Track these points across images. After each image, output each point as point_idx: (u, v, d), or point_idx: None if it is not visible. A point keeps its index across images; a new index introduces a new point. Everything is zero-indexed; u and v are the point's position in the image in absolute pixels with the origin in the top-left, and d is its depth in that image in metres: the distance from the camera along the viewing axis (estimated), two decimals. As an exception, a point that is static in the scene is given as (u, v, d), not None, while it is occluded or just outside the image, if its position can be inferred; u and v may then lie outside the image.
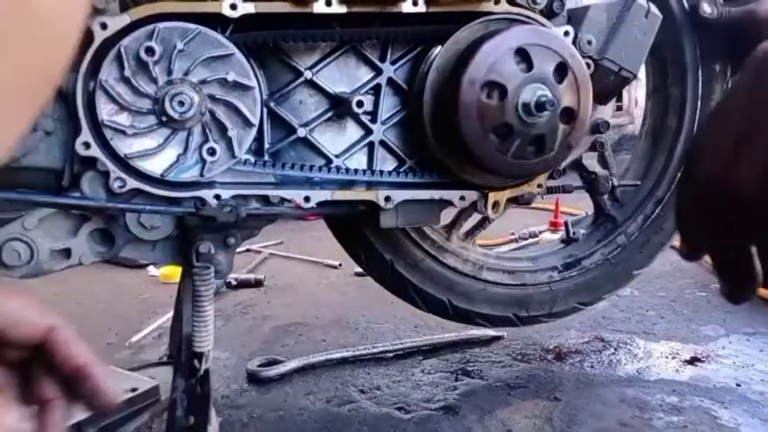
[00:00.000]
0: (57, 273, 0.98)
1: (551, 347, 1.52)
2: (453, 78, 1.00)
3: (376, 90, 1.08)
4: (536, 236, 2.59)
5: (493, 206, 1.11)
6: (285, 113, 1.05)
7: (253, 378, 1.39)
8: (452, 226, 1.32)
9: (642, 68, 1.18)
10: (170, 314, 1.47)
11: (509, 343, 1.54)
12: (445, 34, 1.04)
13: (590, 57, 1.09)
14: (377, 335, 1.65)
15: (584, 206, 1.49)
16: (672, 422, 1.16)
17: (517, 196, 1.14)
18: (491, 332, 1.54)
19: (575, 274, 1.39)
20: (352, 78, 1.08)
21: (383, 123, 1.09)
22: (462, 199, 1.09)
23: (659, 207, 1.39)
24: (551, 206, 2.84)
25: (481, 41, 1.00)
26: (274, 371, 1.39)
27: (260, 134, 1.03)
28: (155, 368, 1.34)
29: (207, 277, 0.97)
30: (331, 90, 1.06)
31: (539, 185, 1.15)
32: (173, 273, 2.14)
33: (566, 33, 1.07)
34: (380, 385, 1.35)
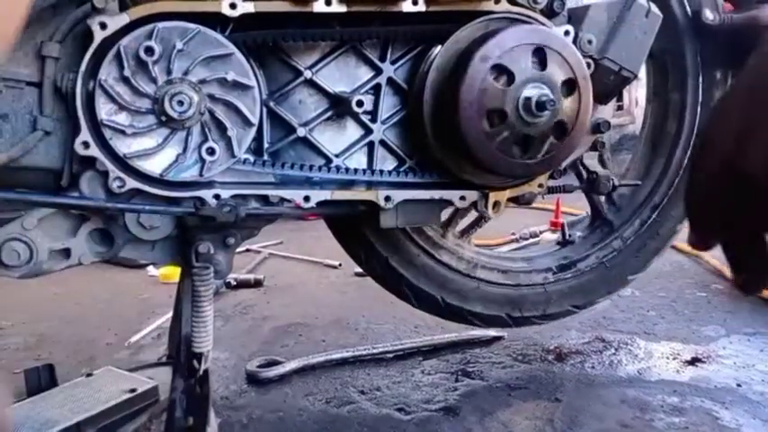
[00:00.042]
0: (56, 273, 0.98)
1: (552, 348, 1.52)
2: (454, 78, 1.00)
3: (376, 90, 1.08)
4: (536, 236, 2.59)
5: (493, 206, 1.10)
6: (285, 113, 1.05)
7: (252, 379, 1.38)
8: (448, 223, 1.32)
9: (642, 68, 1.18)
10: (169, 314, 1.47)
11: (509, 343, 1.54)
12: (445, 34, 1.04)
13: (590, 56, 1.09)
14: (377, 335, 1.65)
15: (584, 206, 1.49)
16: (673, 423, 1.15)
17: (518, 196, 1.14)
18: (491, 333, 1.54)
19: (569, 277, 1.39)
20: (351, 78, 1.07)
21: (383, 123, 1.09)
22: (462, 199, 1.09)
23: (656, 212, 1.39)
24: (552, 206, 2.84)
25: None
26: (274, 371, 1.38)
27: (259, 134, 1.03)
28: (154, 368, 1.34)
29: (206, 277, 0.97)
30: (331, 89, 1.06)
31: (539, 185, 1.14)
32: (172, 273, 2.14)
33: (566, 33, 1.07)
34: (380, 386, 1.34)
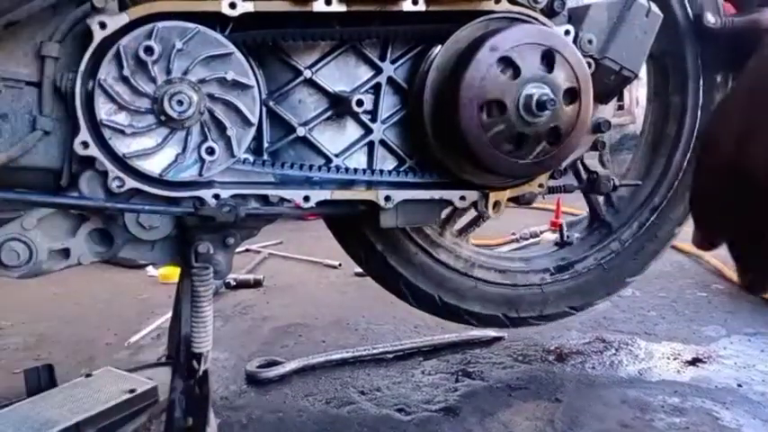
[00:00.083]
0: (55, 273, 0.98)
1: (552, 348, 1.52)
2: (454, 76, 0.99)
3: (376, 89, 1.08)
4: (537, 236, 2.58)
5: (494, 206, 1.10)
6: (284, 112, 1.05)
7: (252, 379, 1.38)
8: (446, 222, 1.32)
9: (643, 68, 1.18)
10: (169, 315, 1.46)
11: (510, 344, 1.54)
12: (445, 33, 1.04)
13: (591, 56, 1.08)
14: (377, 336, 1.64)
15: (584, 206, 1.49)
16: (673, 423, 1.15)
17: (518, 196, 1.14)
18: (492, 333, 1.53)
19: (567, 278, 1.39)
20: (351, 77, 1.07)
21: (383, 122, 1.08)
22: (463, 199, 1.09)
23: (655, 214, 1.39)
24: (552, 206, 2.84)
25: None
26: (274, 372, 1.38)
27: (259, 133, 1.03)
28: (153, 369, 1.33)
29: (206, 277, 0.97)
30: (331, 89, 1.06)
31: (540, 185, 1.14)
32: (171, 273, 2.14)
33: (566, 32, 1.07)
34: (380, 386, 1.34)
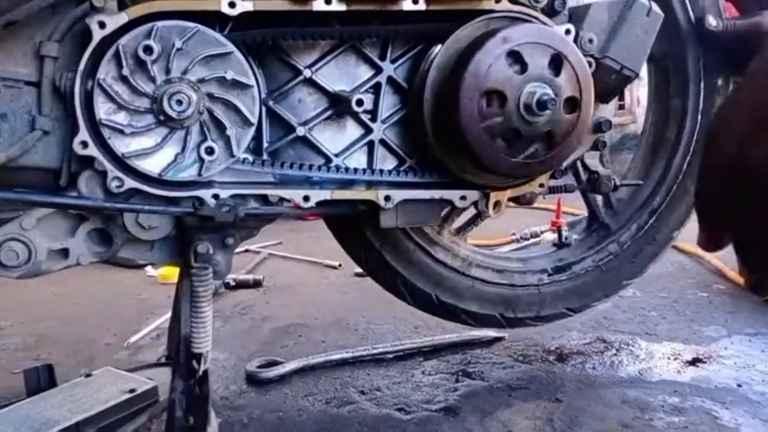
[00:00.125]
0: (55, 273, 0.98)
1: (553, 348, 1.52)
2: (455, 76, 0.99)
3: (376, 89, 1.08)
4: (537, 236, 2.58)
5: (494, 206, 1.10)
6: (284, 112, 1.05)
7: (252, 379, 1.38)
8: (444, 220, 1.31)
9: (644, 68, 1.18)
10: (168, 315, 1.46)
11: (510, 344, 1.54)
12: (446, 33, 1.03)
13: (591, 55, 1.08)
14: (377, 336, 1.64)
15: (585, 206, 1.49)
16: (673, 423, 1.15)
17: (518, 196, 1.14)
18: (492, 333, 1.53)
19: (564, 279, 1.38)
20: (351, 77, 1.07)
21: (383, 122, 1.08)
22: (463, 199, 1.08)
23: (654, 217, 1.39)
24: (553, 206, 2.83)
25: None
26: (273, 372, 1.38)
27: (259, 133, 1.03)
28: (153, 369, 1.34)
29: (205, 278, 0.97)
30: (330, 89, 1.06)
31: (540, 185, 1.14)
32: (171, 273, 2.14)
33: (567, 32, 1.07)
34: (380, 386, 1.34)
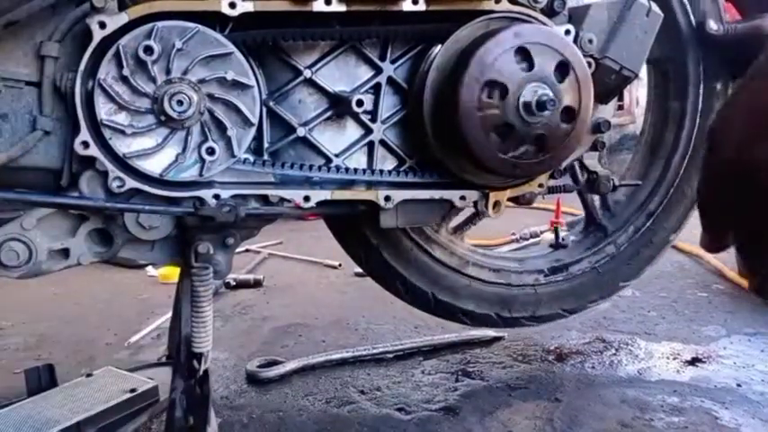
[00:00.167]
0: (55, 273, 0.98)
1: (552, 348, 1.52)
2: (455, 75, 0.99)
3: (376, 89, 1.08)
4: (537, 236, 2.58)
5: (494, 206, 1.10)
6: (284, 113, 1.05)
7: (252, 379, 1.38)
8: (442, 219, 1.31)
9: (643, 69, 1.18)
10: (169, 315, 1.47)
11: (510, 344, 1.54)
12: (446, 33, 1.04)
13: (591, 56, 1.08)
14: (377, 335, 1.64)
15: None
16: (672, 422, 1.15)
17: (518, 196, 1.14)
18: (491, 333, 1.54)
19: (560, 280, 1.39)
20: (351, 77, 1.07)
21: (383, 122, 1.08)
22: (463, 199, 1.09)
23: (651, 220, 1.39)
24: (552, 206, 2.83)
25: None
26: (274, 372, 1.38)
27: (259, 133, 1.03)
28: (154, 369, 1.34)
29: (206, 278, 0.97)
30: (331, 89, 1.06)
31: (540, 185, 1.14)
32: (171, 273, 2.14)
33: (567, 32, 1.07)
34: (380, 386, 1.34)
